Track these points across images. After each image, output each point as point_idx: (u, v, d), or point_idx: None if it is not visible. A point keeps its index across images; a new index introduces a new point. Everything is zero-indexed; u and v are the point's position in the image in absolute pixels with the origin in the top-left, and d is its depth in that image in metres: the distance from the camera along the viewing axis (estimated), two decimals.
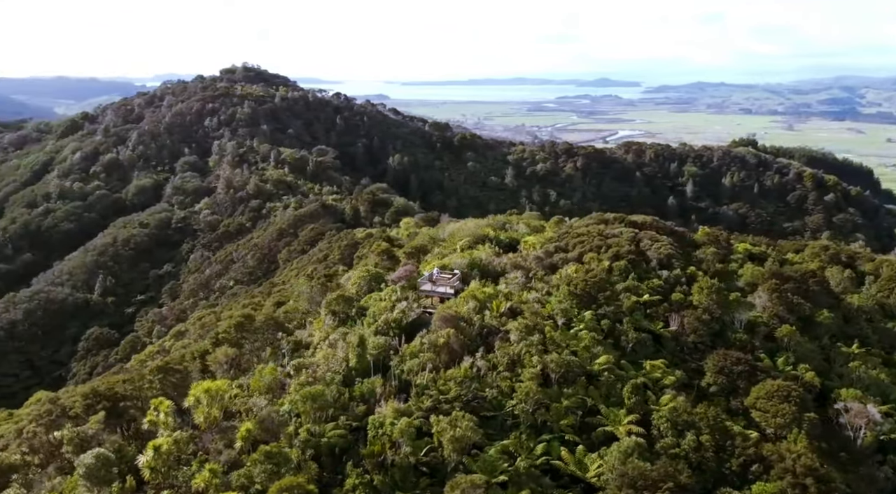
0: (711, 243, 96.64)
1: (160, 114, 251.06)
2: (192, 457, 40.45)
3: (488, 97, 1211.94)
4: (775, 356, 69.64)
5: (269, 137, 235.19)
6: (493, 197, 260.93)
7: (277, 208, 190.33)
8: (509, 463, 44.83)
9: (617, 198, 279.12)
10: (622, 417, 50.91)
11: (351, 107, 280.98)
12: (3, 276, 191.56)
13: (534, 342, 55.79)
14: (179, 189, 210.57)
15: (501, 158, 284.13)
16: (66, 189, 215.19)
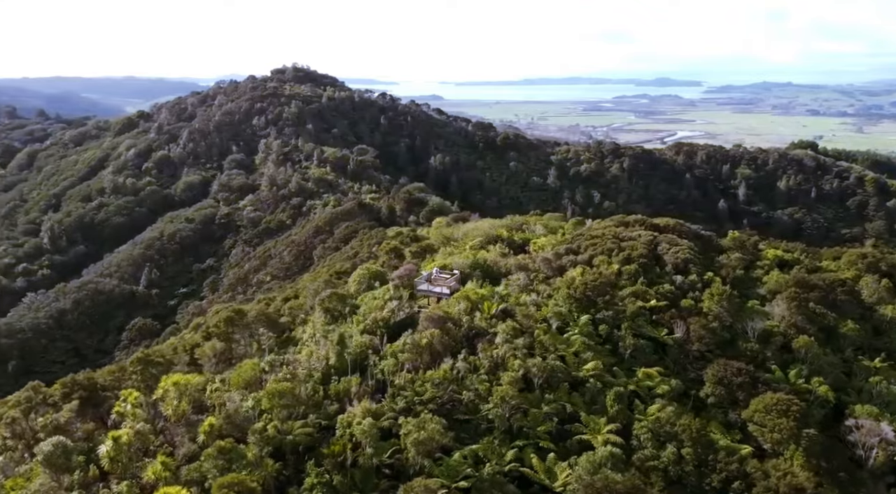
0: (737, 248, 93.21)
1: (211, 112, 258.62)
2: (159, 449, 41.45)
3: (543, 97, 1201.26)
4: (788, 368, 66.64)
5: (313, 136, 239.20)
6: (534, 197, 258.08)
7: (317, 206, 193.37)
8: (475, 469, 44.13)
9: (664, 201, 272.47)
10: (602, 426, 49.48)
11: (395, 107, 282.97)
12: (57, 267, 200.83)
13: (519, 345, 54.81)
14: (225, 186, 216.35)
15: (545, 158, 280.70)
16: (119, 184, 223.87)
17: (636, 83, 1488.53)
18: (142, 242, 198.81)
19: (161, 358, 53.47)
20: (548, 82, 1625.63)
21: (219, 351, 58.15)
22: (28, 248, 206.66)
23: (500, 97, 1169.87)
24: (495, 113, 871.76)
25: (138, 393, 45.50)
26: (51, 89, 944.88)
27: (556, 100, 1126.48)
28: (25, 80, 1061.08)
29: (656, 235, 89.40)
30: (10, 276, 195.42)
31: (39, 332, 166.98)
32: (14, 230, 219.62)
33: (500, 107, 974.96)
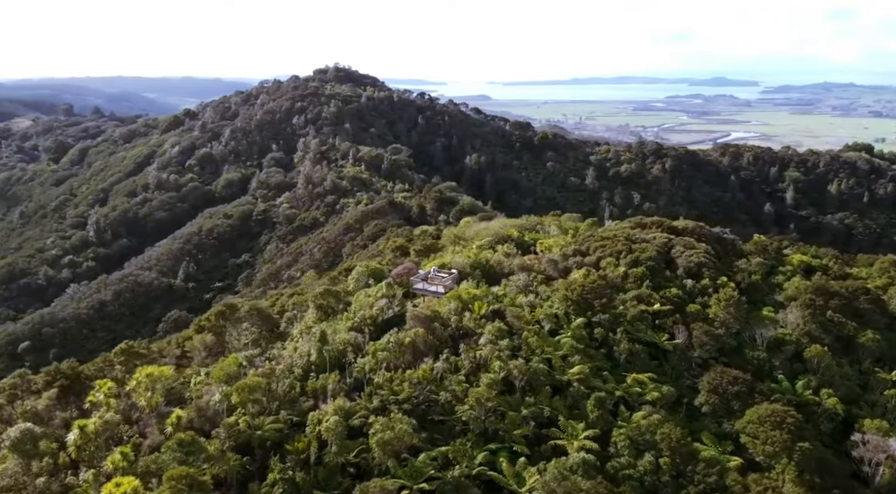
0: (759, 253, 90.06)
1: (253, 112, 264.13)
2: (131, 439, 42.40)
3: (592, 96, 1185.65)
4: (796, 378, 63.98)
5: (351, 136, 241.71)
6: (571, 198, 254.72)
7: (349, 204, 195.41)
8: (441, 471, 43.72)
9: (707, 203, 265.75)
10: (580, 431, 48.39)
11: (433, 106, 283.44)
12: (101, 259, 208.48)
13: (503, 346, 54.08)
14: (263, 183, 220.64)
15: (583, 159, 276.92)
16: (162, 180, 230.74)
17: (690, 83, 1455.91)
18: (181, 237, 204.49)
19: (145, 350, 54.93)
20: (598, 82, 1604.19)
21: (209, 344, 59.32)
22: (75, 241, 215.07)
23: (549, 97, 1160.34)
24: (542, 112, 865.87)
25: (112, 383, 46.76)
26: (112, 88, 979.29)
27: (605, 100, 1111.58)
28: (89, 79, 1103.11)
29: (671, 238, 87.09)
30: (56, 267, 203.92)
31: (81, 322, 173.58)
32: (63, 223, 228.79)
33: (547, 107, 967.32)
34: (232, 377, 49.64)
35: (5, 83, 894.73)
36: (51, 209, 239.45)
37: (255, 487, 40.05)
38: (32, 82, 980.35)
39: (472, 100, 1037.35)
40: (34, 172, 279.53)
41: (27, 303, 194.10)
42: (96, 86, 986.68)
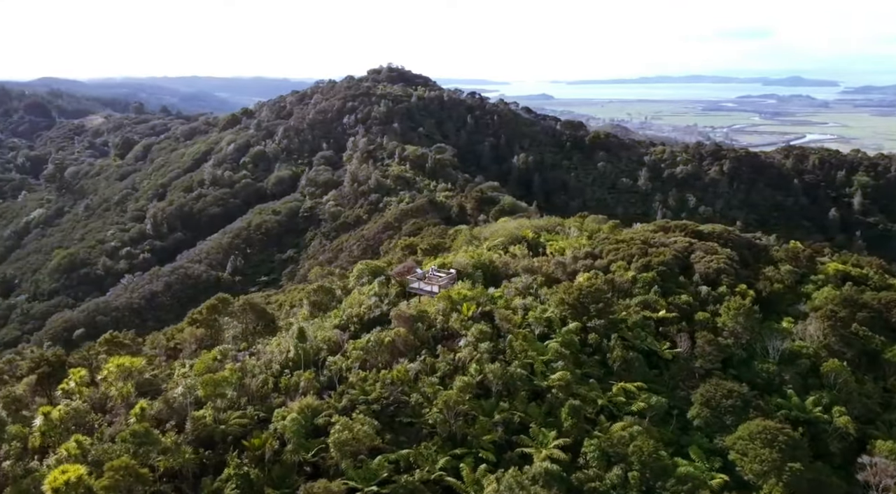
0: (790, 260, 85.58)
1: (306, 111, 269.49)
2: (100, 428, 43.64)
3: (659, 95, 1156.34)
4: (808, 394, 60.38)
5: (399, 135, 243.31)
6: (621, 199, 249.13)
7: (392, 202, 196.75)
8: (400, 473, 43.19)
9: (768, 207, 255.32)
10: (551, 439, 46.91)
11: (483, 106, 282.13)
12: (157, 252, 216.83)
13: (483, 349, 53.04)
14: (312, 181, 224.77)
15: (637, 159, 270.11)
16: (217, 176, 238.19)
17: (764, 82, 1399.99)
18: (231, 231, 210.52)
19: (129, 341, 56.57)
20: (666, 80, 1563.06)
21: (199, 337, 60.64)
22: (133, 233, 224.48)
23: (614, 96, 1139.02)
24: (606, 112, 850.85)
25: (86, 371, 48.34)
26: (187, 88, 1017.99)
27: (673, 99, 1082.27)
28: (166, 79, 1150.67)
29: (693, 242, 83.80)
30: (114, 258, 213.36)
31: (132, 311, 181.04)
32: (124, 216, 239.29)
33: (611, 106, 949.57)
34: (211, 370, 50.49)
35: (87, 82, 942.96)
36: (113, 202, 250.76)
37: (209, 481, 40.52)
38: (114, 81, 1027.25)
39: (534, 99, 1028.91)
40: (101, 167, 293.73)
41: (86, 292, 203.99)
42: (172, 85, 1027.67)
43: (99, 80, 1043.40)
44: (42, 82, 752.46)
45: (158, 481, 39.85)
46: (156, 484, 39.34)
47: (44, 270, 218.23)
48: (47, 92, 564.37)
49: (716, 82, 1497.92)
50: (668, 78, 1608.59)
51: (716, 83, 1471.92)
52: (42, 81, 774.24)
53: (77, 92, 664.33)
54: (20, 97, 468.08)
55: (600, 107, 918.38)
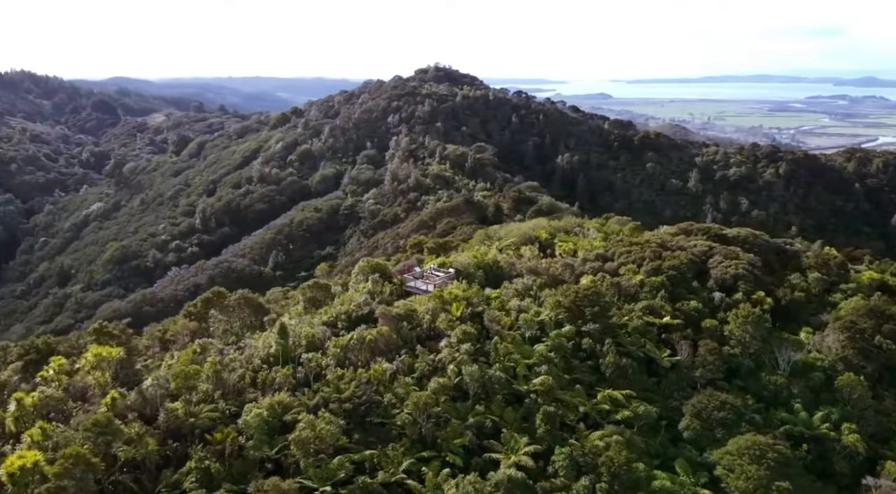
0: (818, 267, 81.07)
1: (352, 110, 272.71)
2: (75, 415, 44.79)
3: (724, 95, 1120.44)
4: (818, 408, 56.94)
5: (441, 134, 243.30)
6: (670, 201, 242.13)
7: (430, 201, 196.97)
8: (361, 474, 42.68)
9: (825, 213, 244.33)
10: (522, 445, 45.55)
11: (528, 105, 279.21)
12: (204, 246, 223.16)
13: (463, 350, 52.00)
14: (354, 179, 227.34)
15: (688, 160, 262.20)
16: (265, 174, 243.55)
17: (835, 82, 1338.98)
18: (274, 227, 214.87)
19: (119, 332, 57.92)
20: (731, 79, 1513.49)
21: (192, 330, 61.66)
22: (183, 228, 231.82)
23: (675, 95, 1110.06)
24: (666, 111, 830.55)
25: (65, 360, 49.69)
26: (250, 88, 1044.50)
27: (738, 99, 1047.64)
28: (230, 79, 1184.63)
29: (713, 246, 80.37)
30: (164, 251, 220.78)
31: (176, 302, 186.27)
32: (175, 211, 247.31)
33: (672, 106, 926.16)
34: (196, 363, 51.20)
35: (157, 82, 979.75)
36: (167, 197, 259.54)
37: (169, 473, 40.99)
38: (183, 81, 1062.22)
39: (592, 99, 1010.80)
40: (157, 163, 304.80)
41: (136, 283, 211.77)
42: (236, 85, 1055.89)
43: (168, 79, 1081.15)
44: (113, 81, 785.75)
45: (119, 471, 40.55)
46: (116, 474, 40.03)
47: (98, 261, 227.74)
48: (116, 90, 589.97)
49: (784, 82, 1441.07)
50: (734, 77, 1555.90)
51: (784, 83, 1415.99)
52: (113, 81, 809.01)
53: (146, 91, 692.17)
54: (89, 95, 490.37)
55: (660, 107, 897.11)
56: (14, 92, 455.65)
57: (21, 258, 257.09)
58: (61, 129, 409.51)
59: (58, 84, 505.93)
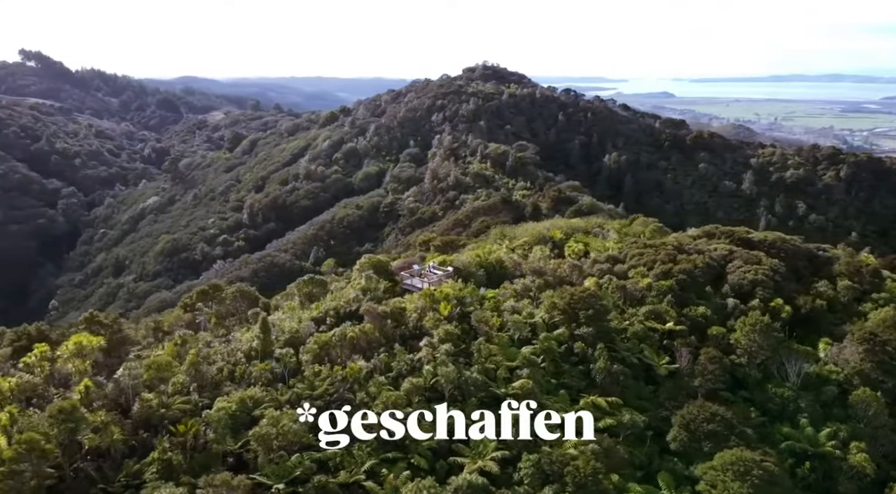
0: (851, 275, 76.29)
1: (397, 109, 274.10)
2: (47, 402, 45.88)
3: (793, 95, 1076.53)
4: (825, 425, 53.38)
5: (484, 133, 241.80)
6: (722, 204, 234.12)
7: (468, 200, 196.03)
8: (323, 473, 42.19)
9: (890, 218, 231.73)
10: (490, 450, 44.17)
11: (577, 103, 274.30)
12: (250, 240, 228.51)
13: (443, 350, 50.89)
14: (396, 177, 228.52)
15: (743, 161, 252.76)
16: (311, 171, 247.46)
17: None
18: (316, 223, 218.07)
19: (109, 321, 59.10)
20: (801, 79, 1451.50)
21: (185, 321, 62.57)
22: (231, 222, 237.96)
23: (741, 94, 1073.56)
24: (731, 111, 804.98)
25: (47, 346, 50.98)
26: (311, 88, 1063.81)
27: (808, 99, 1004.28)
28: (293, 79, 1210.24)
29: (734, 250, 76.61)
30: (212, 245, 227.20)
31: None
32: (225, 206, 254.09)
33: (738, 106, 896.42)
34: (180, 355, 51.92)
35: (223, 81, 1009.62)
36: (218, 193, 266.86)
37: (131, 463, 41.44)
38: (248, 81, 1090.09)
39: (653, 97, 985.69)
40: (211, 159, 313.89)
41: (183, 275, 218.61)
42: (298, 85, 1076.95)
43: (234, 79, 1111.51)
44: (181, 81, 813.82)
45: (83, 458, 41.31)
46: (79, 461, 40.77)
47: (150, 253, 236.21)
48: (182, 89, 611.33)
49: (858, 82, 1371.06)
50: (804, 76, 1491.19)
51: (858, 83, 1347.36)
52: (181, 80, 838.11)
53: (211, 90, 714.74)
54: (154, 93, 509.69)
55: (725, 106, 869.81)
56: (84, 90, 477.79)
57: (81, 248, 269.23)
58: (126, 126, 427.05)
59: (125, 82, 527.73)
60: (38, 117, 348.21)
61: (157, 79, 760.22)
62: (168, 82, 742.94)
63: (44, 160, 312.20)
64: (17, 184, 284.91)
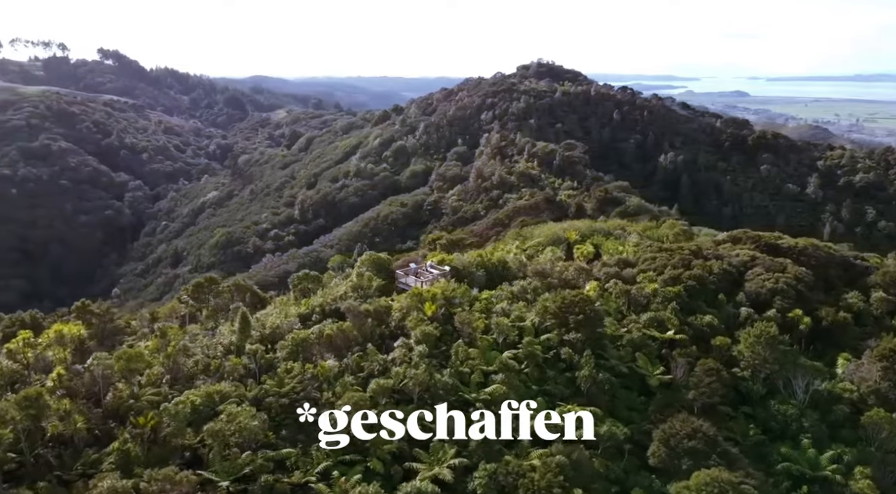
0: (886, 287, 70.76)
1: (448, 107, 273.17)
2: None
3: (878, 95, 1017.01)
4: (830, 446, 49.41)
5: (534, 131, 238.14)
6: (786, 208, 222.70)
7: (512, 199, 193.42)
8: (281, 472, 41.80)
9: None
10: (448, 458, 42.68)
11: (633, 101, 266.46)
12: (300, 235, 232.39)
13: (418, 352, 49.66)
14: (441, 175, 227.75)
15: (809, 163, 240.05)
16: (360, 169, 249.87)
17: None
18: (362, 220, 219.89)
19: (100, 310, 60.39)
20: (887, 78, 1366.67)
21: (179, 313, 63.41)
22: (282, 217, 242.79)
23: (821, 94, 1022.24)
24: (809, 112, 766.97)
25: (30, 333, 52.35)
26: (377, 87, 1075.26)
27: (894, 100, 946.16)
28: (360, 79, 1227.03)
29: (756, 256, 72.28)
30: (263, 239, 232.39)
31: (265, 287, 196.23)
32: (279, 201, 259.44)
33: (816, 106, 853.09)
34: (163, 347, 52.65)
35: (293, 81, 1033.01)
36: (273, 189, 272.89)
37: (91, 452, 42.09)
38: (317, 81, 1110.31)
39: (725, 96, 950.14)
40: (270, 156, 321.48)
41: (236, 267, 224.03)
42: (364, 85, 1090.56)
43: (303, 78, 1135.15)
44: (252, 80, 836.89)
45: (45, 445, 42.23)
46: (40, 448, 41.70)
47: (206, 246, 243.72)
48: (250, 88, 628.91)
49: None
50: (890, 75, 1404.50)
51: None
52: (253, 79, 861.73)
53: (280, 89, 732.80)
54: (223, 92, 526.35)
55: (803, 107, 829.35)
56: (157, 88, 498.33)
57: (144, 240, 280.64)
58: (195, 123, 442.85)
59: (196, 81, 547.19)
60: (110, 113, 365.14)
61: (231, 78, 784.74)
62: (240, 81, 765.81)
63: (113, 154, 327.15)
64: (88, 177, 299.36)
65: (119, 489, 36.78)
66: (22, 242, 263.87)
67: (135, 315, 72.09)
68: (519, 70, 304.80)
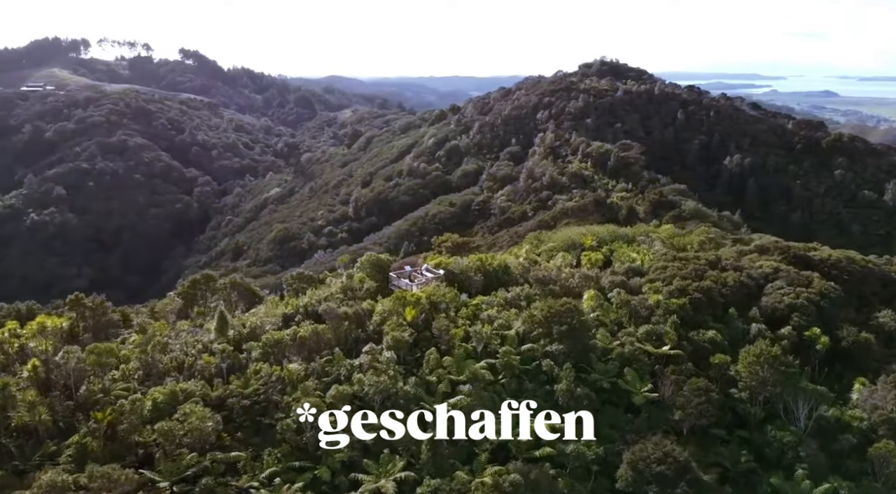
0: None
1: (504, 106, 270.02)
2: None
3: None
4: (827, 479, 45.09)
5: (591, 131, 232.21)
6: (860, 216, 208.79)
7: (561, 200, 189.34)
8: (233, 474, 41.59)
9: None
10: (396, 471, 41.28)
11: (699, 101, 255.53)
12: (353, 232, 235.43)
13: (385, 358, 48.45)
14: (492, 175, 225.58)
15: (888, 169, 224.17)
16: (414, 168, 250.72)
17: None
18: (411, 219, 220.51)
19: (93, 304, 61.65)
20: None
21: (176, 308, 64.27)
22: (337, 215, 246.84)
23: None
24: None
25: (16, 324, 53.95)
26: (446, 86, 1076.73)
27: None
28: (430, 78, 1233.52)
29: (780, 269, 67.27)
30: (318, 235, 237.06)
31: None
32: (335, 199, 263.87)
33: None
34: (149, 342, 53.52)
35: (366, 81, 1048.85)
36: (331, 186, 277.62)
37: (51, 444, 43.00)
38: (389, 81, 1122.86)
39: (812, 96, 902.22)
40: (331, 154, 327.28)
41: (290, 263, 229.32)
42: (435, 85, 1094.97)
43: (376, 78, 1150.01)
44: (327, 79, 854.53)
45: (9, 435, 43.46)
46: (3, 438, 42.95)
47: (265, 241, 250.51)
48: (323, 88, 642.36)
49: None
50: None
51: None
52: (328, 79, 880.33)
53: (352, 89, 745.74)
54: (295, 91, 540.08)
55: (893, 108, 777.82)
56: (233, 87, 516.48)
57: (209, 233, 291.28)
58: (265, 121, 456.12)
59: (270, 81, 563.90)
60: (185, 111, 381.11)
61: (307, 77, 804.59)
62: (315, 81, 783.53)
63: (185, 150, 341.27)
64: (160, 172, 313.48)
65: (59, 483, 37.30)
66: (97, 232, 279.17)
67: (133, 308, 74.17)
68: (581, 68, 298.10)
